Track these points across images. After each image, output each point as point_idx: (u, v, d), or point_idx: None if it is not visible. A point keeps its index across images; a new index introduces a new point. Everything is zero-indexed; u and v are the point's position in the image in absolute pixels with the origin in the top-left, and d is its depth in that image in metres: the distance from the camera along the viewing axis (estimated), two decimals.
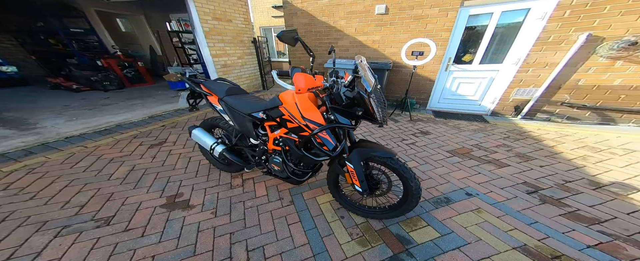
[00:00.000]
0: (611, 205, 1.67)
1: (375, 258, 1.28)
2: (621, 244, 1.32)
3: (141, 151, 2.53)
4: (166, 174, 2.12)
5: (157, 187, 1.93)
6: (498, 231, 1.43)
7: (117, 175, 2.08)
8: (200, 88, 1.78)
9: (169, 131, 3.08)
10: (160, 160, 2.35)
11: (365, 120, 1.22)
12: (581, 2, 2.71)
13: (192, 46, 5.53)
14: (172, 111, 3.91)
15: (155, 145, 2.66)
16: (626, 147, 2.57)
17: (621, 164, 2.23)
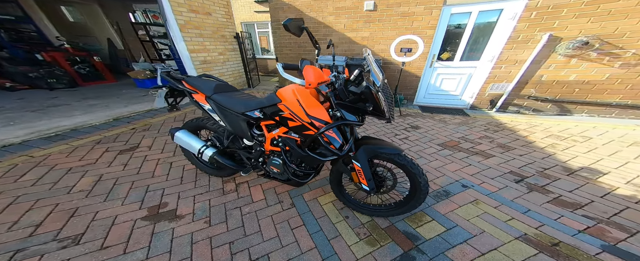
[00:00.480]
0: (585, 189, 1.85)
1: (386, 257, 1.26)
2: (605, 227, 1.44)
3: (108, 158, 2.24)
4: (143, 183, 1.90)
5: (134, 198, 1.73)
6: (498, 222, 1.49)
7: (80, 187, 1.81)
8: (182, 85, 1.60)
9: (142, 134, 2.77)
10: (134, 168, 2.10)
11: (371, 116, 1.18)
12: (544, 4, 2.97)
13: (164, 40, 5.07)
14: (143, 112, 3.54)
15: (126, 151, 2.38)
16: (584, 135, 2.88)
17: (583, 150, 2.49)
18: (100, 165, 2.12)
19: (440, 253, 1.26)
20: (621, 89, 3.11)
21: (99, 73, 5.62)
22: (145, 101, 4.09)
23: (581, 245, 1.30)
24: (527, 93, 3.60)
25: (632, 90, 3.06)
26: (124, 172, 2.04)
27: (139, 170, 2.08)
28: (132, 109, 3.59)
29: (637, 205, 1.63)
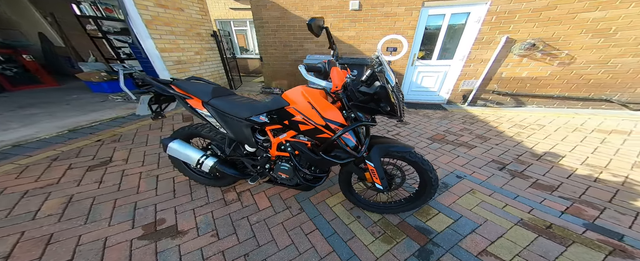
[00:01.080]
0: (553, 172, 2.13)
1: (404, 253, 1.31)
2: (580, 206, 1.68)
3: (74, 176, 1.96)
4: (128, 200, 1.72)
5: (121, 217, 1.56)
6: (496, 210, 1.64)
7: (48, 212, 1.58)
8: (172, 90, 1.45)
9: (112, 147, 2.46)
10: (112, 184, 1.88)
11: (382, 116, 1.21)
12: (502, 9, 3.34)
13: (122, 37, 4.55)
14: (107, 120, 3.14)
15: (96, 167, 2.11)
16: (538, 123, 3.32)
17: (542, 137, 2.87)
18: (65, 185, 1.85)
19: (455, 245, 1.35)
20: (560, 84, 3.69)
21: (32, 76, 4.85)
22: (107, 107, 3.63)
23: (568, 225, 1.50)
24: (492, 89, 4.05)
25: (567, 84, 3.66)
26: (101, 190, 1.81)
27: (119, 186, 1.86)
28: (92, 118, 3.15)
29: (595, 183, 1.93)
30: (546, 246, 1.33)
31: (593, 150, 2.49)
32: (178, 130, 1.67)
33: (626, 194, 1.79)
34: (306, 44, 4.35)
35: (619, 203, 1.69)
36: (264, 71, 4.94)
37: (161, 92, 1.50)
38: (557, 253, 1.28)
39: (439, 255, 1.29)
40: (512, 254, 1.28)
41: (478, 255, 1.28)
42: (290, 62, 4.67)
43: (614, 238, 1.37)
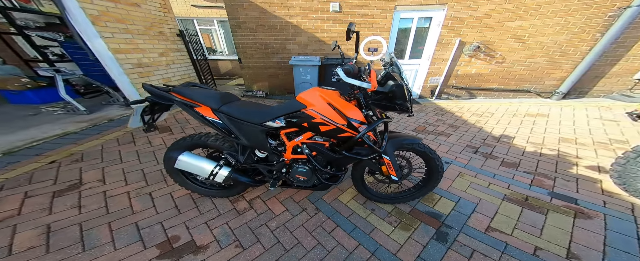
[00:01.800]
0: (512, 151, 2.53)
1: (424, 237, 1.45)
2: (539, 178, 2.05)
3: (39, 204, 1.67)
4: (125, 222, 1.54)
5: (126, 240, 1.41)
6: (484, 189, 1.91)
7: (25, 245, 1.34)
8: (177, 98, 1.35)
9: (75, 168, 2.11)
10: (96, 208, 1.65)
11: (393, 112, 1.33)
12: (455, 16, 3.84)
13: (47, 34, 3.91)
14: (53, 138, 2.61)
15: (65, 191, 1.81)
16: (489, 111, 3.92)
17: (494, 123, 3.39)
18: (32, 215, 1.57)
19: (464, 225, 1.54)
20: (497, 79, 4.46)
21: None
22: (45, 122, 3.03)
23: (539, 195, 1.82)
24: (451, 84, 4.62)
25: (503, 79, 4.46)
26: (84, 216, 1.58)
27: (107, 209, 1.65)
28: (29, 136, 2.60)
29: (541, 157, 2.38)
30: (531, 217, 1.60)
31: (530, 131, 3.07)
32: (178, 142, 1.54)
33: (563, 164, 2.26)
34: (288, 45, 4.28)
35: (561, 172, 2.13)
36: (244, 74, 4.70)
37: (162, 101, 1.39)
38: (541, 221, 1.56)
39: (454, 235, 1.46)
40: (511, 227, 1.52)
41: (486, 232, 1.48)
42: (273, 64, 4.54)
43: (572, 203, 1.73)
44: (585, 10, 3.58)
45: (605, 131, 2.97)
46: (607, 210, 1.65)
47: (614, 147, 2.55)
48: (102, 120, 3.10)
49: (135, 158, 2.28)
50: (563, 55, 4.02)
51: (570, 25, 3.74)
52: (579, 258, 1.28)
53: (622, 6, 3.45)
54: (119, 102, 3.80)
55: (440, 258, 1.30)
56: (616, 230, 1.47)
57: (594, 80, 4.29)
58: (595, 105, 4.05)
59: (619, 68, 4.08)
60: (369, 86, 1.14)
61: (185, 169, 1.49)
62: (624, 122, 3.19)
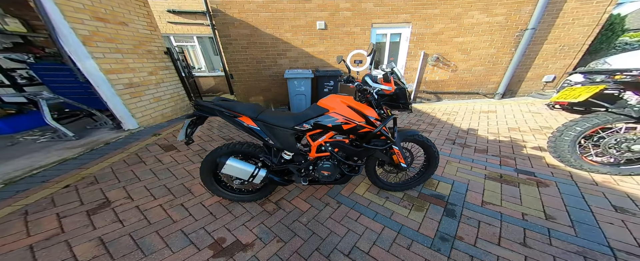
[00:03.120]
0: (479, 140, 3.01)
1: (436, 215, 1.71)
2: (504, 159, 2.50)
3: (79, 222, 1.65)
4: (170, 229, 1.60)
5: (179, 244, 1.48)
6: (468, 172, 2.27)
7: (87, 255, 1.38)
8: (222, 110, 1.52)
9: (94, 189, 2.05)
10: (137, 220, 1.68)
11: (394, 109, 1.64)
12: (418, 32, 4.48)
13: (15, 55, 3.73)
14: (52, 165, 2.42)
15: (98, 210, 1.79)
16: (453, 111, 4.51)
17: (461, 119, 3.95)
18: (78, 231, 1.56)
19: (464, 201, 1.83)
20: (454, 84, 5.21)
21: None
22: (33, 151, 2.75)
23: (508, 172, 2.23)
24: (422, 89, 5.25)
25: (459, 84, 5.22)
26: (129, 228, 1.60)
27: (147, 220, 1.68)
28: (23, 165, 2.36)
29: (501, 143, 2.88)
30: (509, 190, 1.97)
31: (487, 124, 3.67)
32: (215, 151, 1.65)
33: (516, 147, 2.78)
34: (279, 60, 4.47)
35: (517, 153, 2.62)
36: (236, 89, 4.74)
37: (207, 114, 1.54)
38: (518, 193, 1.93)
39: (460, 211, 1.74)
40: (499, 200, 1.85)
41: (482, 205, 1.79)
42: (265, 78, 4.66)
43: (532, 176, 2.18)
44: (502, 31, 4.52)
45: (535, 120, 3.69)
46: (556, 178, 2.10)
47: (544, 131, 3.20)
48: (97, 144, 2.96)
49: (152, 176, 2.25)
50: (495, 65, 4.90)
51: (495, 42, 4.64)
52: (554, 218, 1.63)
53: (523, 28, 4.43)
54: (108, 125, 3.63)
55: (455, 230, 1.56)
56: (567, 192, 1.89)
57: (518, 83, 5.27)
58: (523, 102, 4.93)
59: (532, 74, 5.12)
60: (390, 89, 1.44)
61: (230, 173, 1.60)
62: (545, 113, 4.01)
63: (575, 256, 1.31)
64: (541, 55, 4.89)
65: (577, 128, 2.16)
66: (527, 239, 1.46)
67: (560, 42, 4.73)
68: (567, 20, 4.48)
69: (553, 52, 4.85)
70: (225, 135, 3.40)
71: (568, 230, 1.52)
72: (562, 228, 1.53)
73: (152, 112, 3.93)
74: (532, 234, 1.50)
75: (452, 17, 4.42)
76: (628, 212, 1.65)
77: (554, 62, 5.00)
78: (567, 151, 2.21)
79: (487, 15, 4.45)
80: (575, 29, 4.58)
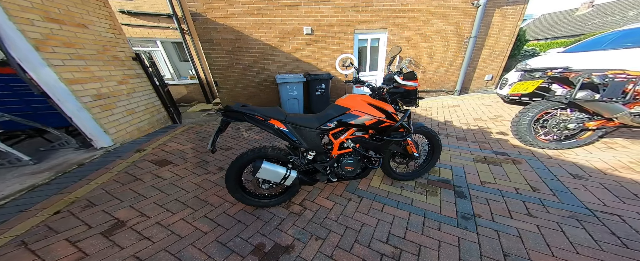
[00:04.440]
0: (457, 130, 3.40)
1: (450, 197, 1.87)
2: (482, 144, 2.87)
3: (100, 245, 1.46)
4: (205, 241, 1.51)
5: (222, 254, 1.41)
6: (459, 157, 2.55)
7: None
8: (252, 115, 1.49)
9: (96, 211, 1.79)
10: (165, 236, 1.55)
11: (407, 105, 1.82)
12: (393, 37, 4.89)
13: None
14: (20, 193, 2.05)
15: (113, 230, 1.59)
16: (429, 107, 4.99)
17: (435, 114, 4.40)
18: (106, 252, 1.41)
19: (467, 183, 2.06)
20: (425, 83, 5.78)
21: None
22: None
23: (489, 155, 2.57)
24: None
25: (428, 83, 5.80)
26: (162, 243, 1.49)
27: (177, 235, 1.55)
28: None
29: (474, 131, 3.30)
30: (496, 170, 2.27)
31: (457, 116, 4.16)
32: (241, 157, 1.60)
33: (486, 133, 3.23)
34: (268, 65, 4.36)
35: (488, 138, 3.04)
36: (221, 96, 4.45)
37: (236, 119, 1.49)
38: (502, 170, 2.24)
39: (466, 192, 1.94)
40: (493, 179, 2.12)
41: (482, 185, 2.03)
42: (253, 84, 4.48)
43: (507, 156, 2.57)
44: (454, 38, 5.27)
45: (490, 111, 4.33)
46: (524, 156, 2.50)
47: (499, 119, 3.79)
48: (67, 167, 2.49)
49: (158, 193, 2.03)
50: (453, 66, 5.64)
51: (450, 47, 5.36)
52: (538, 189, 1.93)
53: (468, 36, 5.26)
54: (71, 145, 3.09)
55: (472, 209, 1.74)
56: (536, 167, 2.27)
57: (469, 82, 6.11)
58: (475, 97, 5.74)
59: (477, 74, 6.03)
60: (415, 85, 1.60)
61: (264, 176, 1.56)
62: (494, 105, 4.74)
63: (571, 220, 1.57)
64: (482, 59, 5.81)
65: (530, 113, 2.63)
66: (530, 210, 1.70)
67: (492, 48, 5.72)
68: (495, 31, 5.48)
69: (489, 56, 5.81)
70: (222, 145, 3.21)
71: (553, 198, 1.82)
72: (548, 197, 1.83)
73: (127, 127, 3.49)
74: (531, 205, 1.75)
75: (419, 25, 4.93)
76: (582, 178, 2.06)
77: (490, 64, 5.98)
78: (525, 132, 2.67)
79: (444, 24, 5.09)
80: (501, 38, 5.62)
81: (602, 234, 1.43)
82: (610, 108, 2.26)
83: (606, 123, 2.42)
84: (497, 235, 1.48)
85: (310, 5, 4.12)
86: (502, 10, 5.23)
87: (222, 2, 3.78)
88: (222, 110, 1.47)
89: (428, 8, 4.79)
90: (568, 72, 2.43)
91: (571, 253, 1.31)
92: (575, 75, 2.35)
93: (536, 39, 20.70)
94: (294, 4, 4.04)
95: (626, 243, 1.36)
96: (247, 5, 3.87)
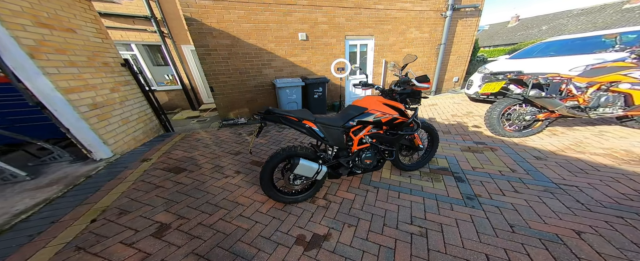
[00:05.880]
0: (441, 125, 3.77)
1: (452, 183, 2.12)
2: (464, 135, 3.25)
3: (157, 246, 1.48)
4: (249, 237, 1.60)
5: (270, 247, 1.51)
6: (449, 148, 2.87)
7: None
8: (288, 117, 1.62)
9: (135, 217, 1.79)
10: (212, 235, 1.62)
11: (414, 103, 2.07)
12: (379, 44, 5.26)
13: None
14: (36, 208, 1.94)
15: (161, 232, 1.62)
16: None
17: (421, 112, 4.78)
18: (166, 251, 1.48)
19: (462, 170, 2.35)
20: None
21: None
22: None
23: (471, 145, 2.94)
24: None
25: None
26: (213, 240, 1.57)
27: (222, 233, 1.63)
28: None
29: (453, 125, 3.70)
30: (480, 156, 2.63)
31: (437, 113, 4.61)
32: (276, 154, 1.70)
33: (463, 127, 3.64)
34: (264, 70, 4.36)
35: (466, 130, 3.46)
36: (217, 102, 4.33)
37: (273, 121, 1.60)
38: (485, 157, 2.60)
39: (463, 177, 2.23)
40: (481, 165, 2.44)
41: (474, 170, 2.34)
42: (250, 89, 4.44)
43: (486, 145, 2.97)
44: (428, 45, 5.83)
45: (462, 108, 4.85)
46: (497, 144, 2.91)
47: (471, 115, 4.28)
48: (74, 180, 2.31)
49: (187, 197, 2.02)
50: (429, 70, 6.18)
51: (425, 52, 5.88)
52: (516, 170, 2.29)
53: (439, 43, 5.84)
54: (64, 158, 2.85)
55: (471, 190, 2.01)
56: (509, 153, 2.66)
57: (441, 83, 6.72)
58: (448, 96, 6.31)
59: (447, 76, 6.68)
60: (428, 87, 1.84)
61: (301, 172, 1.68)
62: (464, 103, 5.31)
63: (546, 193, 1.91)
64: (450, 63, 6.47)
65: (498, 108, 3.10)
66: (515, 187, 2.03)
67: (457, 54, 6.39)
68: (459, 39, 6.15)
69: (455, 60, 6.49)
70: (230, 150, 3.21)
71: (527, 176, 2.18)
72: (524, 176, 2.20)
73: (124, 136, 3.30)
74: (515, 184, 2.08)
75: (400, 32, 5.35)
76: (542, 159, 2.49)
77: (456, 68, 6.67)
78: (496, 125, 3.12)
79: (420, 32, 5.58)
80: (463, 45, 6.32)
81: (570, 202, 1.78)
82: (553, 103, 2.77)
83: (550, 115, 2.94)
84: (499, 210, 1.75)
85: (305, 13, 4.26)
86: (463, 21, 5.89)
87: (219, 7, 3.75)
88: (261, 114, 1.57)
89: (407, 17, 5.22)
90: (522, 75, 2.93)
91: (556, 220, 1.62)
92: (528, 78, 2.86)
93: (482, 46, 23.81)
94: (289, 11, 4.15)
95: (589, 207, 1.72)
96: (243, 12, 3.89)
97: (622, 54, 3.05)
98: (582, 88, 2.78)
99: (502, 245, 1.41)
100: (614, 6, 17.13)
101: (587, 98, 2.76)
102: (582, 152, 2.57)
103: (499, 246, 1.40)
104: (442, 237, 1.52)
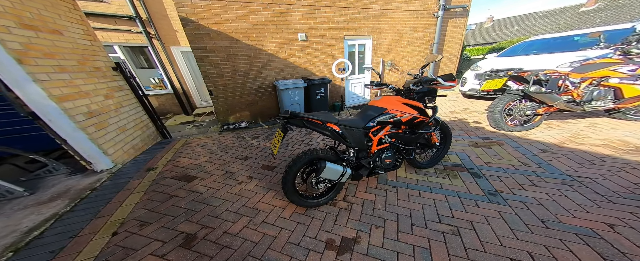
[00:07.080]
0: None
1: (469, 178, 2.10)
2: (469, 131, 3.30)
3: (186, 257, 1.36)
4: (278, 244, 1.53)
5: (301, 254, 1.45)
6: (457, 145, 2.88)
7: None
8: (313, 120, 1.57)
9: (157, 228, 1.69)
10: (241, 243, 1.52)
11: None
12: (377, 43, 5.23)
13: None
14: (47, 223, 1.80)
15: (189, 243, 1.51)
16: None
17: None
18: None
19: (475, 165, 2.35)
20: (400, 83, 6.22)
21: None
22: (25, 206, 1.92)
23: (478, 140, 2.97)
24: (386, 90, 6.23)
25: (400, 83, 6.21)
26: (243, 249, 1.49)
27: (251, 241, 1.55)
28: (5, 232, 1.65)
29: (456, 121, 3.75)
30: (489, 151, 2.65)
31: (438, 109, 4.73)
32: (299, 159, 1.62)
33: (465, 123, 3.70)
34: (265, 71, 4.23)
35: (469, 126, 3.51)
36: (217, 106, 4.13)
37: (296, 125, 1.54)
38: (494, 152, 2.62)
39: (479, 172, 2.22)
40: (491, 159, 2.46)
41: (487, 165, 2.35)
42: (250, 91, 4.28)
43: (491, 140, 3.04)
44: (422, 43, 5.92)
45: (459, 105, 4.94)
46: (502, 139, 2.97)
47: (469, 111, 4.36)
48: (79, 193, 2.13)
49: (205, 206, 1.92)
50: None
51: (420, 51, 5.98)
52: (528, 164, 2.30)
53: (432, 42, 5.96)
54: (60, 171, 2.63)
55: (491, 186, 1.97)
56: (515, 147, 2.72)
57: None
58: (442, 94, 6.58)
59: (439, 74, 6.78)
60: (453, 85, 1.83)
61: (327, 175, 1.62)
62: (460, 100, 5.40)
63: (564, 186, 1.89)
64: (442, 61, 6.60)
65: (500, 103, 3.17)
66: (533, 182, 2.02)
67: (449, 52, 6.53)
68: (450, 38, 6.29)
69: (447, 59, 6.62)
70: (238, 155, 3.09)
71: (540, 170, 2.20)
72: (537, 169, 2.21)
73: (123, 145, 3.10)
74: (531, 178, 2.08)
75: (396, 32, 5.38)
76: (548, 152, 2.56)
77: (448, 66, 6.81)
78: (498, 120, 3.19)
79: (414, 32, 5.64)
80: (454, 44, 6.47)
81: (591, 195, 1.79)
82: (552, 97, 2.87)
83: (549, 109, 3.03)
84: (525, 205, 1.74)
85: (304, 13, 4.18)
86: (453, 21, 6.03)
87: (216, 7, 3.61)
88: (284, 118, 1.50)
89: (402, 17, 5.26)
90: (522, 72, 3.01)
91: (584, 213, 1.60)
92: (528, 74, 2.95)
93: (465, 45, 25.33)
94: (288, 11, 4.05)
95: (609, 199, 1.73)
96: (241, 12, 3.76)
97: (606, 51, 3.20)
98: (575, 83, 2.89)
99: (540, 242, 1.39)
100: (572, 9, 18.57)
101: (581, 92, 2.88)
102: (582, 144, 2.66)
103: (538, 243, 1.38)
104: (476, 235, 1.49)
